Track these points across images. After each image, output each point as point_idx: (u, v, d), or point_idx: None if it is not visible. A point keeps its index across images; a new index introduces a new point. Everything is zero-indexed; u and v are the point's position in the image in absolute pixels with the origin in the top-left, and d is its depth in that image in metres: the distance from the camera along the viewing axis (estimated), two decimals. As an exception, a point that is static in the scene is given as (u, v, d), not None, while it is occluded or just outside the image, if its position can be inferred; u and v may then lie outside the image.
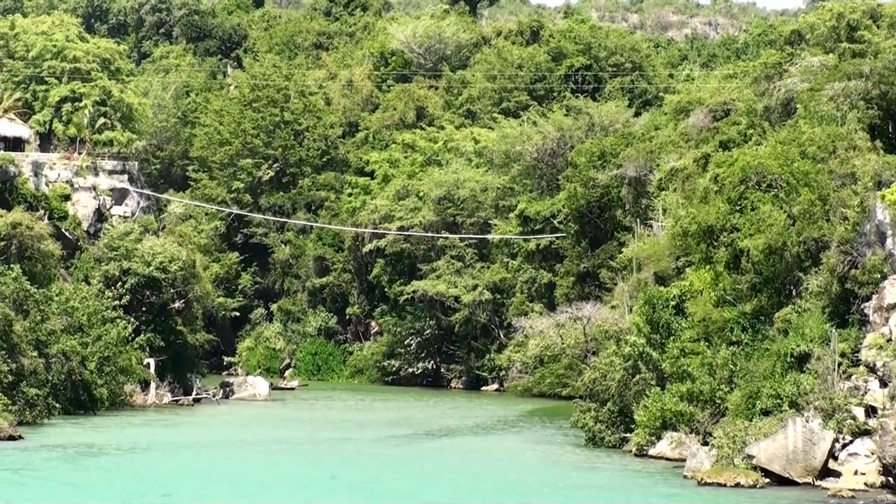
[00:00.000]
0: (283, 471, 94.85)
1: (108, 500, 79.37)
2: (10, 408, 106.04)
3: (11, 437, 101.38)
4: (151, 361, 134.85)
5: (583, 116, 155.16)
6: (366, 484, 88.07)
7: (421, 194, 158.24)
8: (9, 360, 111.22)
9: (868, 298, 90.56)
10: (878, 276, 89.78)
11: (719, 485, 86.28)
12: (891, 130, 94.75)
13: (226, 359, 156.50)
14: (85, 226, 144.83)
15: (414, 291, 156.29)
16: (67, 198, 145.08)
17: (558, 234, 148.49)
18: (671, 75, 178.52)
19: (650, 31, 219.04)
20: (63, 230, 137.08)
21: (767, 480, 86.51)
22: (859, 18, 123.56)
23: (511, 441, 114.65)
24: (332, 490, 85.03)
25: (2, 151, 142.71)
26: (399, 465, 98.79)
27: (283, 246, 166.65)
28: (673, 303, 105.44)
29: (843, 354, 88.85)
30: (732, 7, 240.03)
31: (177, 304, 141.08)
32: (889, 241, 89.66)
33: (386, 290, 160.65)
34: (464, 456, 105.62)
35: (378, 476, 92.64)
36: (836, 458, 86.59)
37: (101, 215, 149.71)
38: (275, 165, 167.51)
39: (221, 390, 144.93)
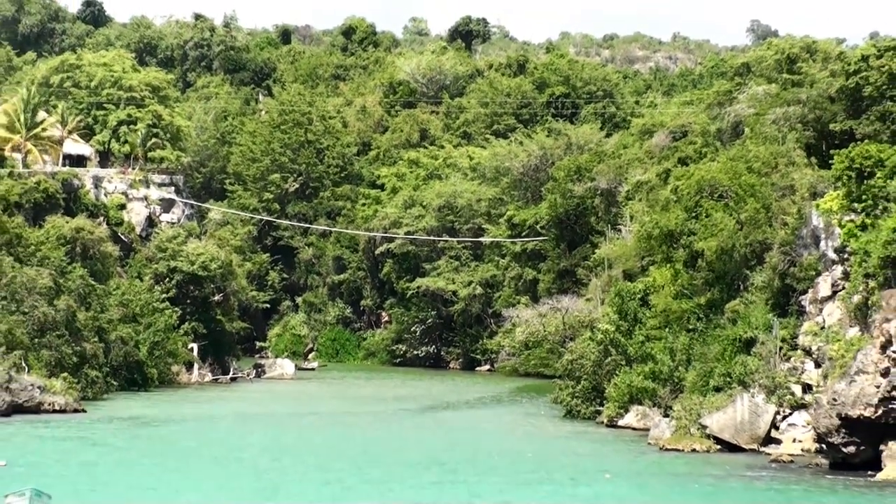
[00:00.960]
0: (310, 437, 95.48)
1: (158, 463, 79.62)
2: (74, 385, 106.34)
3: (76, 410, 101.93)
4: (195, 346, 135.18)
5: (562, 137, 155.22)
6: (382, 452, 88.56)
7: (424, 204, 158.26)
8: (74, 345, 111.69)
9: (805, 292, 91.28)
10: (814, 273, 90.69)
11: (678, 451, 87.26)
12: (824, 149, 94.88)
13: (258, 343, 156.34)
14: (138, 230, 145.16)
15: (418, 287, 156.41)
16: (123, 207, 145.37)
17: (541, 238, 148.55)
18: (637, 102, 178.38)
19: (619, 64, 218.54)
20: (119, 234, 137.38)
21: (718, 447, 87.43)
22: (798, 53, 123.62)
23: (501, 414, 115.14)
24: (353, 456, 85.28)
25: (67, 167, 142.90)
26: (407, 434, 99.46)
27: (306, 248, 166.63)
28: (638, 296, 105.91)
29: (783, 340, 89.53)
30: (689, 44, 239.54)
31: (216, 297, 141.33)
32: (822, 244, 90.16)
33: (394, 285, 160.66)
34: (461, 426, 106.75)
35: (391, 444, 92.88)
36: (777, 428, 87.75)
37: (151, 221, 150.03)
38: (299, 179, 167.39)
39: (254, 370, 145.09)
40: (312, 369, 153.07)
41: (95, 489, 67.33)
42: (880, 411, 79.72)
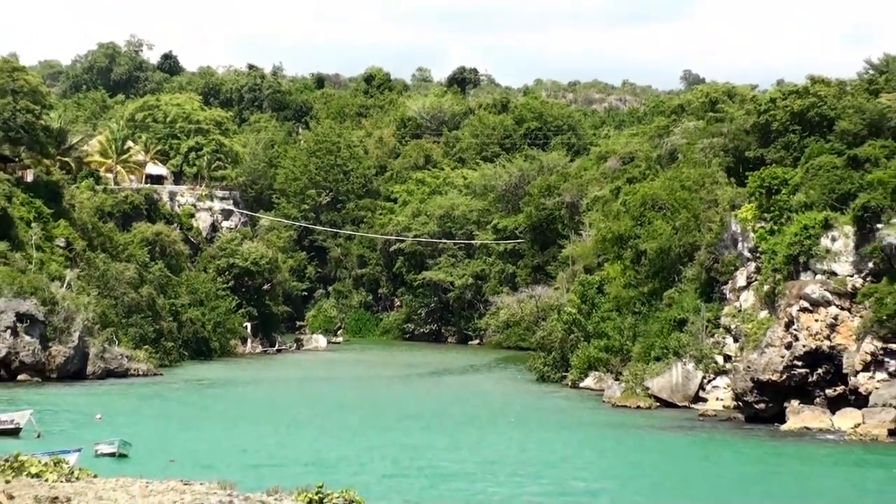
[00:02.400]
0: (337, 394, 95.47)
1: (218, 413, 79.88)
2: (154, 356, 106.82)
3: (155, 374, 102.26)
4: (248, 324, 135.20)
5: (535, 162, 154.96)
6: (395, 404, 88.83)
7: (428, 213, 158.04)
8: (154, 324, 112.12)
9: (725, 283, 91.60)
10: (732, 268, 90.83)
11: (626, 407, 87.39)
12: (741, 171, 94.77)
13: (297, 322, 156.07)
14: (204, 234, 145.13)
15: (423, 278, 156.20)
16: (192, 215, 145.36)
17: (519, 240, 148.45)
18: (594, 134, 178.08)
19: (580, 105, 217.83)
20: (189, 237, 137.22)
21: (658, 404, 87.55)
22: (720, 96, 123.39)
23: (488, 378, 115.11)
24: (371, 407, 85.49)
25: (148, 184, 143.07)
26: (414, 392, 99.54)
27: (335, 248, 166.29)
28: (595, 286, 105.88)
29: (708, 320, 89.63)
30: (636, 88, 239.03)
31: (265, 286, 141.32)
32: (739, 245, 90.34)
33: (404, 277, 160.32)
34: (456, 387, 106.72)
35: (401, 398, 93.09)
36: (704, 389, 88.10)
37: (214, 227, 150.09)
38: (330, 194, 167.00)
39: (295, 343, 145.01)
40: (340, 343, 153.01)
41: (168, 434, 67.40)
42: (784, 376, 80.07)
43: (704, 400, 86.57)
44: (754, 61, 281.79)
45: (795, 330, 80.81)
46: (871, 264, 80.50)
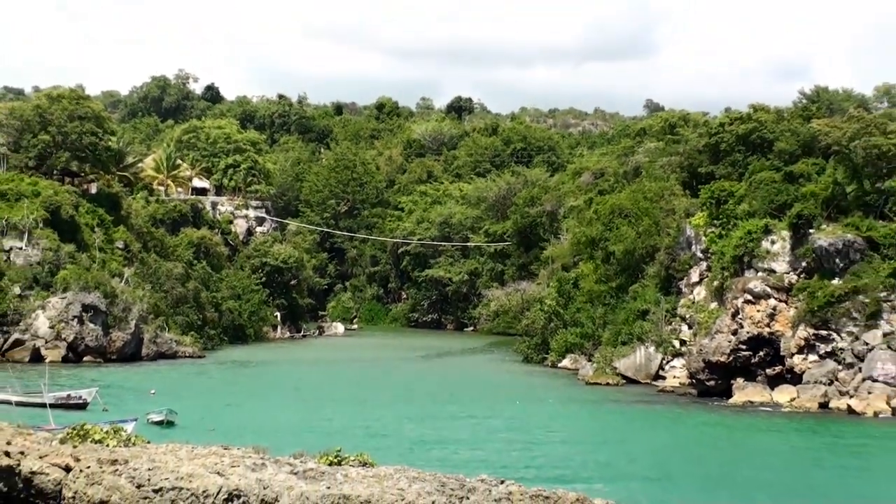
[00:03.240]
0: (353, 372, 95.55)
1: (254, 390, 79.42)
2: (198, 340, 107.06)
3: (199, 356, 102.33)
4: (278, 314, 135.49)
5: (520, 177, 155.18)
6: (402, 381, 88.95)
7: (430, 220, 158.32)
8: (198, 313, 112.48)
9: (681, 279, 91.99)
10: (687, 266, 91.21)
11: (597, 384, 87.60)
12: (694, 185, 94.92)
13: (320, 312, 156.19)
14: (241, 238, 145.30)
15: (426, 275, 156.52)
16: (231, 222, 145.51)
17: (507, 243, 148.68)
18: (570, 153, 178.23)
19: (559, 128, 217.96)
20: (228, 240, 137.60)
21: (624, 381, 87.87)
22: (677, 121, 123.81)
23: (481, 359, 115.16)
24: (383, 383, 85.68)
25: (194, 196, 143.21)
26: (417, 370, 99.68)
27: (352, 249, 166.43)
28: (571, 281, 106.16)
29: (667, 311, 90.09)
30: (605, 115, 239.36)
31: (292, 282, 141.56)
32: (693, 247, 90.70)
33: (410, 274, 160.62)
34: (453, 366, 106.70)
35: (408, 376, 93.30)
36: (663, 369, 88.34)
37: (249, 232, 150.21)
38: (347, 203, 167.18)
39: (317, 330, 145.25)
40: (355, 329, 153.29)
41: (210, 407, 67.55)
42: (731, 358, 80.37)
43: (663, 378, 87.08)
44: (706, 92, 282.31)
45: (740, 319, 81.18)
46: (804, 263, 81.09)
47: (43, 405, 57.21)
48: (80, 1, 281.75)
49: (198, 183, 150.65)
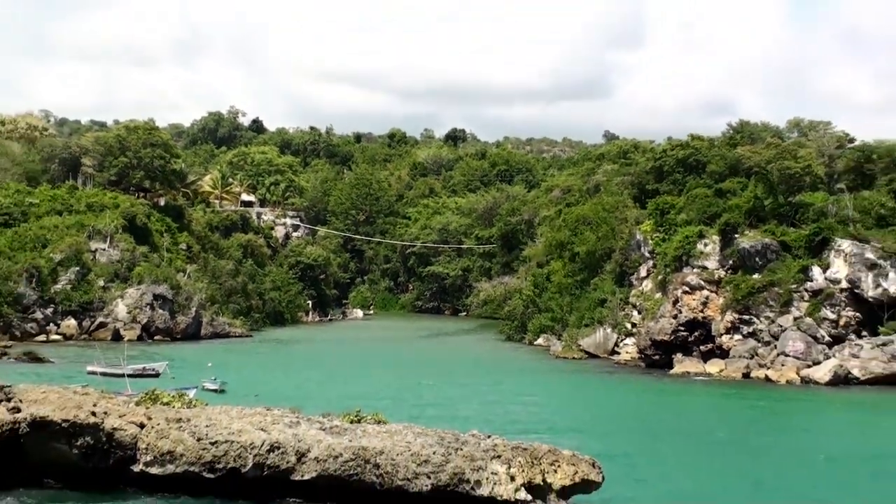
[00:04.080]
0: (370, 347, 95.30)
1: (290, 363, 79.53)
2: (246, 323, 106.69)
3: (247, 336, 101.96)
4: (310, 302, 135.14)
5: (504, 192, 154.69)
6: (408, 354, 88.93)
7: (432, 227, 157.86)
8: (246, 301, 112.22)
9: (632, 274, 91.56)
10: (637, 264, 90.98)
11: (565, 358, 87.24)
12: (643, 199, 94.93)
13: (343, 301, 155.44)
14: (280, 241, 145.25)
15: (429, 271, 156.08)
16: (272, 228, 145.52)
17: (493, 245, 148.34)
18: (544, 174, 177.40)
19: (534, 154, 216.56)
20: (270, 243, 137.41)
21: (586, 356, 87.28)
22: (629, 148, 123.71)
23: (472, 338, 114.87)
24: (393, 355, 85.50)
25: (242, 207, 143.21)
26: (420, 346, 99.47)
27: (369, 250, 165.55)
28: (545, 276, 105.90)
29: (621, 299, 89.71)
30: (572, 143, 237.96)
31: (321, 276, 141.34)
32: (642, 249, 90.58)
33: (416, 270, 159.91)
34: (448, 343, 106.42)
35: (412, 350, 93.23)
36: (617, 346, 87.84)
37: (287, 236, 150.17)
38: (365, 213, 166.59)
39: (341, 315, 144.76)
40: (371, 314, 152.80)
41: (255, 376, 67.49)
42: (672, 337, 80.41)
43: (618, 353, 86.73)
44: (652, 124, 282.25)
45: (679, 306, 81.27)
46: (730, 262, 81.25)
47: (122, 375, 57.36)
48: (151, 55, 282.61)
49: (245, 197, 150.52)
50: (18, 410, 33.57)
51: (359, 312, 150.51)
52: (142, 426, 33.97)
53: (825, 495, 38.16)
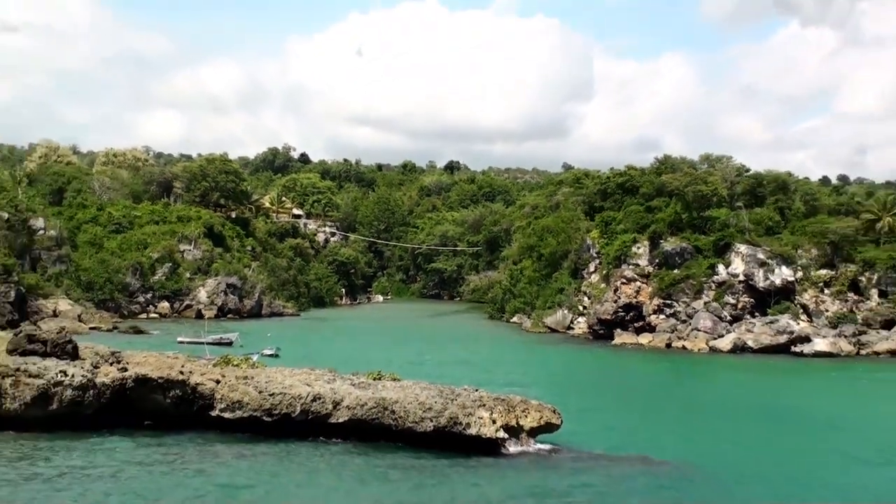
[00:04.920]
0: (388, 324, 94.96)
1: (329, 334, 79.07)
2: (295, 305, 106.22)
3: (296, 315, 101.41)
4: (343, 290, 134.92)
5: (488, 208, 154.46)
6: (415, 328, 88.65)
7: (434, 234, 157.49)
8: (296, 289, 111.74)
9: (584, 270, 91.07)
10: (587, 262, 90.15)
11: (533, 332, 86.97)
12: (592, 214, 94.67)
13: (368, 289, 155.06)
14: (321, 244, 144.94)
15: (433, 267, 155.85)
16: (315, 235, 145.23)
17: (479, 248, 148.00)
18: (518, 195, 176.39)
19: (510, 179, 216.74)
20: (313, 246, 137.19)
21: (549, 331, 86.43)
22: (581, 175, 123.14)
23: (463, 317, 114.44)
24: (405, 330, 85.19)
25: (293, 218, 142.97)
26: (422, 323, 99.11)
27: (387, 251, 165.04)
28: (519, 271, 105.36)
29: (575, 288, 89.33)
30: (539, 171, 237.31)
31: (352, 270, 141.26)
32: (591, 251, 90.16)
33: (422, 266, 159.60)
34: (444, 321, 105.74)
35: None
36: (572, 323, 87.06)
37: (326, 241, 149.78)
38: (384, 224, 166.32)
39: (367, 299, 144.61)
40: (389, 299, 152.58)
41: (302, 344, 67.34)
42: (613, 316, 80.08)
43: (573, 328, 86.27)
44: (598, 157, 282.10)
45: (619, 293, 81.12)
46: (656, 260, 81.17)
47: (203, 344, 57.34)
48: (225, 104, 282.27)
49: (295, 211, 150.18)
50: (126, 370, 33.58)
51: (379, 298, 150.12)
52: (217, 382, 33.96)
53: (723, 430, 38.39)
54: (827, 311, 74.31)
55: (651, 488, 28.02)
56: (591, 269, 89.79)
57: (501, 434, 31.79)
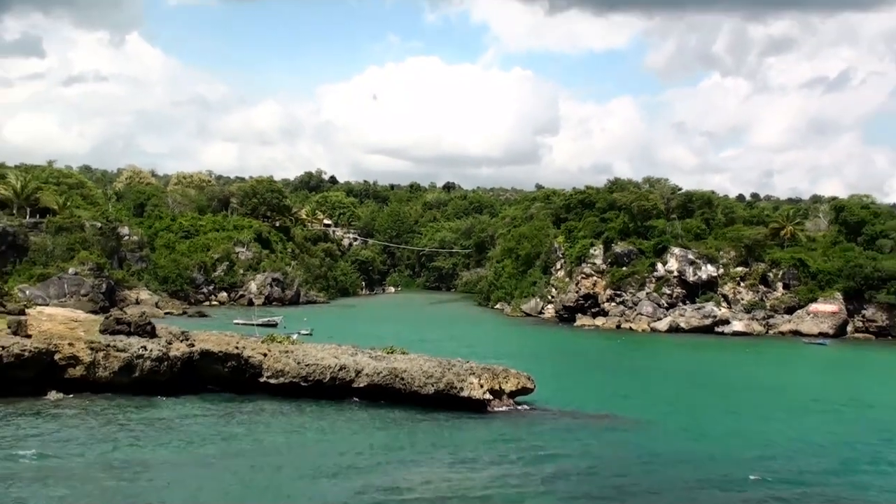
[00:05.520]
0: (398, 310, 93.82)
1: (351, 318, 78.27)
2: (326, 294, 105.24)
3: (326, 302, 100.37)
4: (364, 283, 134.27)
5: (477, 219, 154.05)
6: (418, 314, 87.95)
7: (435, 239, 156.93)
8: (325, 282, 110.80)
9: (552, 267, 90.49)
10: (555, 261, 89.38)
11: (512, 316, 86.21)
12: (559, 223, 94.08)
13: (382, 282, 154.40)
14: (346, 247, 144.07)
15: (434, 265, 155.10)
16: (341, 240, 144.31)
17: (470, 250, 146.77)
18: (500, 208, 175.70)
19: (494, 196, 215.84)
20: (340, 248, 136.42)
21: (525, 315, 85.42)
22: (550, 193, 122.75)
23: (457, 304, 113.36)
24: (411, 314, 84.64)
25: (324, 227, 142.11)
26: (427, 308, 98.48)
27: (398, 252, 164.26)
28: (502, 268, 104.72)
29: (546, 282, 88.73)
30: (517, 190, 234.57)
31: (370, 267, 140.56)
32: (558, 252, 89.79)
33: (425, 264, 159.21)
34: (444, 307, 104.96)
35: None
36: (543, 310, 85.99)
37: (350, 245, 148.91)
38: (396, 231, 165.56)
39: (381, 290, 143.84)
40: (399, 290, 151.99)
41: (332, 325, 66.50)
42: (575, 304, 79.59)
43: (543, 314, 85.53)
44: (564, 179, 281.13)
45: (579, 286, 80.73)
46: (609, 260, 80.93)
47: (254, 325, 57.23)
48: (270, 138, 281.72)
49: (326, 221, 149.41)
50: (192, 346, 33.59)
51: (391, 289, 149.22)
52: (265, 355, 33.97)
53: (661, 392, 38.45)
54: (742, 299, 74.52)
55: (602, 434, 28.42)
56: (558, 266, 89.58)
57: (487, 396, 31.85)
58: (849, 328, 71.00)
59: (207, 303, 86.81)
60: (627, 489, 21.25)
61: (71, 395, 30.02)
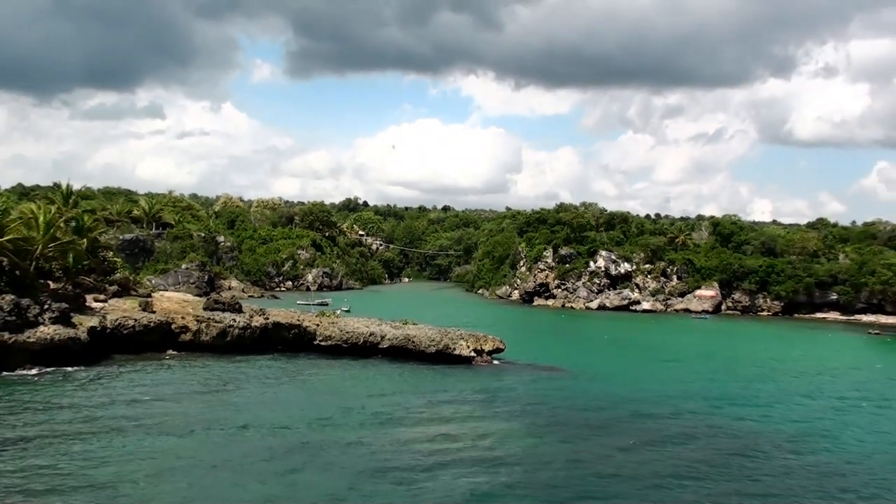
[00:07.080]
0: (409, 294, 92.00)
1: (379, 300, 75.64)
2: (360, 283, 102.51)
3: (360, 289, 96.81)
4: (386, 274, 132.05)
5: (466, 232, 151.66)
6: (420, 297, 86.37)
7: (436, 244, 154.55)
8: (359, 275, 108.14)
9: (517, 264, 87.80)
10: (519, 260, 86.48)
11: (490, 300, 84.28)
12: (522, 234, 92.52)
13: (400, 274, 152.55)
14: (375, 250, 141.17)
15: (435, 263, 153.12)
16: (371, 245, 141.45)
17: (460, 253, 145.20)
18: (481, 224, 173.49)
19: (478, 215, 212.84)
20: (370, 250, 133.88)
21: (499, 298, 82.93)
22: (516, 213, 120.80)
23: (451, 291, 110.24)
24: (418, 298, 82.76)
25: (359, 236, 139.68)
26: (427, 295, 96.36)
27: (411, 254, 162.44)
28: (482, 265, 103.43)
29: (514, 276, 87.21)
30: (495, 210, 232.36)
31: (391, 265, 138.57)
32: (521, 254, 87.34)
33: (429, 262, 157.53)
34: (442, 292, 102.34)
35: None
36: (511, 294, 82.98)
37: (377, 249, 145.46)
38: (409, 239, 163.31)
39: (399, 280, 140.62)
40: (410, 280, 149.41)
41: (363, 305, 63.94)
42: (533, 289, 77.39)
43: (511, 297, 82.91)
44: (528, 203, 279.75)
45: (536, 278, 77.67)
46: (557, 259, 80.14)
47: (310, 304, 56.88)
48: (321, 174, 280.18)
49: (360, 232, 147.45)
50: (267, 319, 33.60)
51: (406, 280, 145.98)
52: (317, 325, 33.96)
53: (593, 350, 38.74)
54: (649, 287, 74.64)
55: (550, 379, 29.11)
56: (521, 264, 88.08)
57: (472, 354, 32.00)
58: (723, 307, 71.79)
59: (278, 289, 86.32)
60: (563, 412, 23.73)
61: (182, 353, 30.32)
